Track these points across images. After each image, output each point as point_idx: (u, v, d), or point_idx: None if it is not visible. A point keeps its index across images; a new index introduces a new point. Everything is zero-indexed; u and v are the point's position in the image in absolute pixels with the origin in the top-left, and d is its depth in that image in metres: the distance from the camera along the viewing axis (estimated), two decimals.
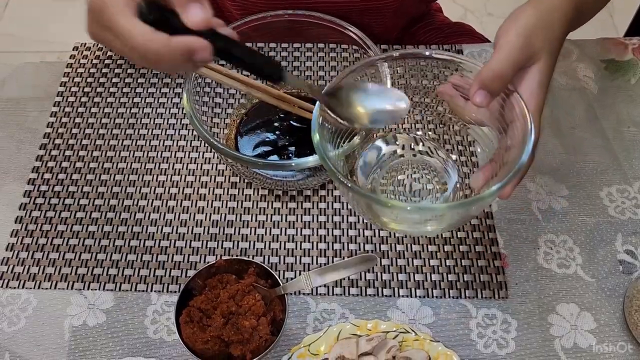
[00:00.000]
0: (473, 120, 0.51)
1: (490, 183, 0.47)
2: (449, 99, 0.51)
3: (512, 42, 0.44)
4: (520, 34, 0.44)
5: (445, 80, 0.52)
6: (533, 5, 0.47)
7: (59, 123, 0.69)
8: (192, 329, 0.49)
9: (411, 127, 0.59)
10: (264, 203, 0.62)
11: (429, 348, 0.51)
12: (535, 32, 0.45)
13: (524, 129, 0.44)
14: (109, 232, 0.60)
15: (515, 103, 0.45)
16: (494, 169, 0.48)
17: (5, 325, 0.55)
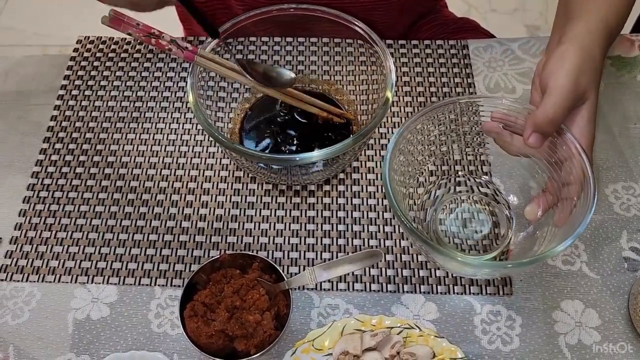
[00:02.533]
0: (520, 154, 0.53)
1: (549, 215, 0.51)
2: (495, 136, 0.54)
3: (564, 86, 0.46)
4: (570, 76, 0.46)
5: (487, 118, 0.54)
6: (574, 43, 0.48)
7: (63, 116, 0.68)
8: (196, 323, 0.49)
9: (476, 169, 0.60)
10: (268, 198, 0.62)
11: (433, 344, 0.51)
12: (582, 72, 0.47)
13: (582, 168, 0.47)
14: (113, 225, 0.60)
15: (570, 143, 0.49)
16: (549, 201, 0.51)
17: (9, 318, 0.55)
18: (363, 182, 0.63)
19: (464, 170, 0.61)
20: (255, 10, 0.62)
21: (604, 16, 0.51)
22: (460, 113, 0.55)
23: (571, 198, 0.48)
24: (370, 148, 0.65)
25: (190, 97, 0.56)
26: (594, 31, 0.50)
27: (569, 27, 0.51)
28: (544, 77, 0.48)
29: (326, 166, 0.59)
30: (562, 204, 0.49)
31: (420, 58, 0.73)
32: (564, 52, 0.48)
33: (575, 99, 0.47)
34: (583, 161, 0.48)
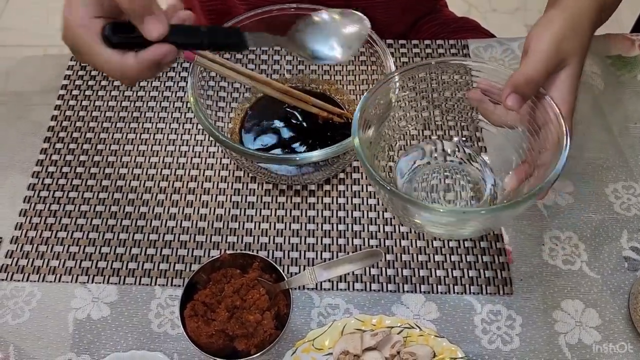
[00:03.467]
0: (503, 124, 0.52)
1: (525, 184, 0.49)
2: (478, 104, 0.53)
3: (545, 48, 0.45)
4: (552, 40, 0.45)
5: (472, 86, 0.53)
6: (562, 10, 0.48)
7: (63, 116, 0.68)
8: (196, 322, 0.49)
9: (445, 133, 0.59)
10: (268, 197, 0.62)
11: (434, 343, 0.51)
12: (566, 38, 0.46)
13: (559, 132, 0.45)
14: (113, 225, 0.60)
15: (548, 107, 0.46)
16: (527, 170, 0.49)
17: (10, 318, 0.55)
18: (363, 181, 0.63)
19: (446, 135, 0.60)
20: (256, 9, 0.62)
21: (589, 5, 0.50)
22: (442, 74, 0.54)
23: (545, 165, 0.46)
24: None
25: (191, 97, 0.56)
26: (585, 4, 0.49)
27: (556, 6, 0.50)
28: (528, 40, 0.47)
29: (326, 166, 0.59)
30: (537, 171, 0.48)
31: (420, 58, 0.73)
32: (551, 17, 0.47)
33: (555, 62, 0.46)
34: (560, 125, 0.45)
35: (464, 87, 0.54)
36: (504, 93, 0.46)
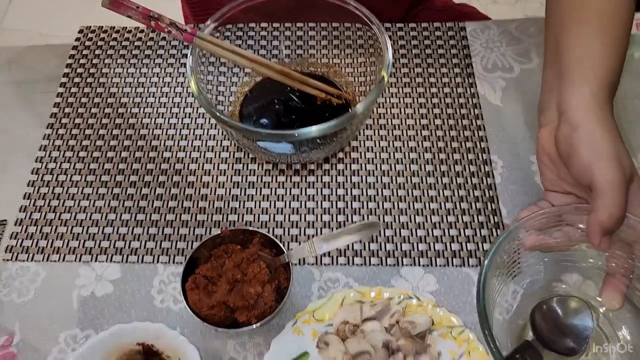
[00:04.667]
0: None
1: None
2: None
3: (614, 179, 0.43)
4: (614, 165, 0.44)
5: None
6: (594, 122, 0.46)
7: (66, 103, 0.70)
8: (197, 295, 0.50)
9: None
10: (268, 177, 0.63)
11: (432, 313, 0.52)
12: (620, 152, 0.45)
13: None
14: (116, 207, 0.61)
15: (636, 224, 0.45)
16: (624, 282, 0.47)
17: (15, 296, 0.56)
18: (362, 160, 0.64)
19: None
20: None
21: (606, 77, 0.49)
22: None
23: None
24: (369, 128, 0.66)
25: (191, 78, 0.57)
26: (602, 98, 0.48)
27: (573, 96, 0.48)
28: (579, 169, 0.45)
29: (325, 144, 0.60)
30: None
31: (418, 40, 0.74)
32: (590, 135, 0.45)
33: (628, 184, 0.44)
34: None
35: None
36: (595, 239, 0.43)
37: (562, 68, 0.51)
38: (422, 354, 0.50)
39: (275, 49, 0.72)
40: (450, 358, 0.50)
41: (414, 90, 0.69)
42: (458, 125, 0.66)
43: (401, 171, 0.63)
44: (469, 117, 0.67)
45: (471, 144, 0.64)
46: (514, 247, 0.47)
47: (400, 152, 0.64)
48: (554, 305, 0.49)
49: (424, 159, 0.64)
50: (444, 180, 0.62)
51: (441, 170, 0.63)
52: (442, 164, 0.63)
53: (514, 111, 0.67)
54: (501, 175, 0.62)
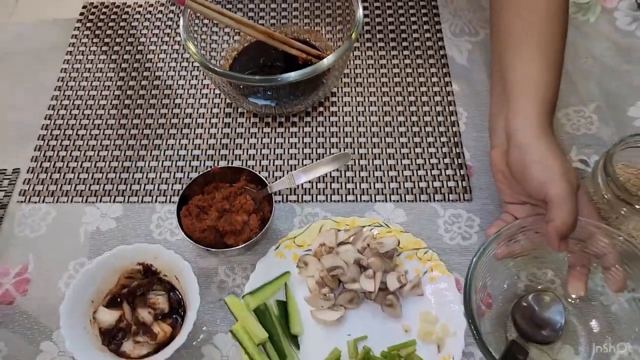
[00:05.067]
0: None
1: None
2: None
3: (565, 191, 0.48)
4: (563, 180, 0.49)
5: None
6: (543, 143, 0.51)
7: (72, 68, 0.76)
8: (190, 220, 0.57)
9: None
10: (255, 129, 0.69)
11: (400, 237, 0.58)
12: (567, 167, 0.50)
13: (609, 236, 0.51)
14: (117, 155, 0.68)
15: (586, 225, 0.51)
16: (585, 272, 0.53)
17: (28, 232, 0.63)
18: (340, 113, 0.70)
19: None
20: None
21: (546, 97, 0.54)
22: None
23: (613, 264, 0.51)
24: (347, 86, 0.73)
25: (187, 38, 0.63)
26: (544, 117, 0.52)
27: (518, 120, 0.53)
28: (534, 187, 0.50)
29: (304, 95, 0.67)
30: (609, 274, 0.52)
31: (392, 10, 0.80)
32: (539, 157, 0.50)
33: (576, 194, 0.49)
34: (607, 232, 0.51)
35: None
36: (555, 244, 0.49)
37: (507, 86, 0.56)
38: (390, 272, 0.56)
39: (262, 19, 0.79)
40: (415, 275, 0.57)
41: (387, 53, 0.76)
42: (428, 82, 0.73)
43: (375, 122, 0.69)
44: (438, 75, 0.73)
45: (439, 98, 0.71)
46: (486, 260, 0.52)
47: (375, 106, 0.71)
48: (530, 301, 0.54)
49: (396, 111, 0.70)
50: (414, 129, 0.69)
51: (412, 121, 0.69)
52: (413, 115, 0.70)
53: (478, 70, 0.74)
54: (465, 124, 0.69)
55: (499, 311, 0.55)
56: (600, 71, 0.72)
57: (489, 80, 0.72)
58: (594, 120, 0.68)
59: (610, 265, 0.51)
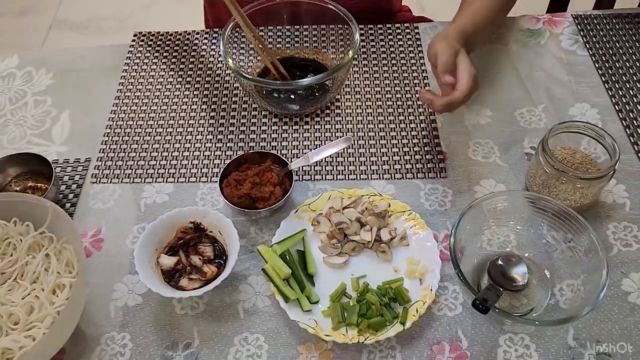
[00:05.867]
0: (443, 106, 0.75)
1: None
2: (429, 102, 0.75)
3: (444, 49, 0.74)
4: (440, 41, 0.76)
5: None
6: (446, 38, 0.77)
7: (128, 82, 0.95)
8: (230, 189, 0.74)
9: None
10: (276, 127, 0.88)
11: (390, 202, 0.76)
12: (451, 45, 0.76)
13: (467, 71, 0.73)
14: (168, 147, 0.86)
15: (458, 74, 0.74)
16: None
17: (100, 204, 0.80)
18: (343, 114, 0.89)
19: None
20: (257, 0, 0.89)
21: (465, 23, 0.81)
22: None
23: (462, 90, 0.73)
24: (347, 94, 0.92)
25: (225, 55, 0.82)
26: (458, 37, 0.78)
27: (445, 32, 0.79)
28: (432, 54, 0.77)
29: (315, 99, 0.85)
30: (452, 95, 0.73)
31: (383, 36, 1.00)
32: (439, 41, 0.76)
33: (453, 52, 0.74)
34: (463, 64, 0.73)
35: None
36: (442, 78, 0.74)
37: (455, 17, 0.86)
38: (383, 228, 0.74)
39: (279, 43, 0.99)
40: (403, 230, 0.74)
41: (380, 68, 0.95)
42: (412, 90, 0.92)
43: (371, 120, 0.88)
44: (420, 85, 0.92)
45: (421, 102, 0.90)
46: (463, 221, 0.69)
47: (370, 109, 0.89)
48: (501, 262, 0.71)
49: (387, 112, 0.89)
50: (401, 125, 0.87)
51: (399, 119, 0.88)
52: (400, 115, 0.88)
53: None
54: (441, 122, 0.87)
55: (470, 262, 0.72)
56: (548, 80, 0.91)
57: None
58: (542, 117, 0.87)
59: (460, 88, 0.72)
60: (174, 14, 2.19)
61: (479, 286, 0.71)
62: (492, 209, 0.71)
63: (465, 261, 0.70)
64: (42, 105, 0.93)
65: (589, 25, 0.99)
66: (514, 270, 0.70)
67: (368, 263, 0.73)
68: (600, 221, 0.75)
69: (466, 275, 0.65)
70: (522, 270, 0.70)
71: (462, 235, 0.69)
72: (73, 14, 2.31)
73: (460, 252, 0.68)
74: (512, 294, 0.69)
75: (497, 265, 0.70)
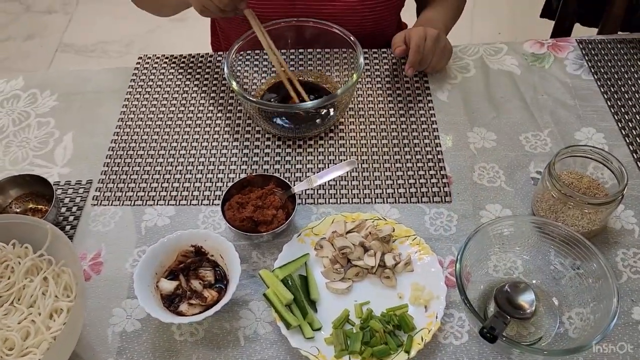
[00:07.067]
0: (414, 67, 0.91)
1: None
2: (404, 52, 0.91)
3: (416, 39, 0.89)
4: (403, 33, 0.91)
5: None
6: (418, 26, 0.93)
7: (132, 105, 0.95)
8: (232, 212, 0.73)
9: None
10: (279, 149, 0.87)
11: (394, 226, 0.74)
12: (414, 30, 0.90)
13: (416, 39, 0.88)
14: (170, 170, 0.85)
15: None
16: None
17: (100, 227, 0.79)
18: (347, 137, 0.88)
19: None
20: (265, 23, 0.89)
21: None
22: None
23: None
24: (352, 117, 0.91)
25: (230, 76, 0.82)
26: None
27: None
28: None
29: (319, 122, 0.85)
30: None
31: (387, 59, 1.00)
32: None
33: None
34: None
35: None
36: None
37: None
38: (387, 253, 0.72)
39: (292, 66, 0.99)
40: (407, 255, 0.72)
41: (384, 92, 0.95)
42: (416, 114, 0.91)
43: (375, 144, 0.87)
44: (424, 108, 0.92)
45: (425, 126, 0.89)
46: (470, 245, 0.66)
47: (374, 132, 0.89)
48: (508, 289, 0.69)
49: (391, 135, 0.88)
50: (405, 149, 0.86)
51: (403, 143, 0.87)
52: (405, 139, 0.88)
53: (457, 105, 0.92)
54: (446, 145, 0.87)
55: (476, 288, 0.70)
56: (553, 104, 0.91)
57: (465, 111, 0.91)
58: (548, 142, 0.86)
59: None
60: (178, 38, 2.22)
61: (485, 314, 0.69)
62: (498, 234, 0.70)
63: (471, 288, 0.69)
64: (45, 127, 0.93)
65: (594, 50, 0.99)
66: (522, 298, 0.68)
67: (372, 289, 0.71)
68: (609, 247, 0.74)
69: (472, 302, 0.63)
70: (529, 298, 0.68)
71: (468, 261, 0.67)
72: (79, 38, 2.34)
73: (466, 278, 0.67)
74: (520, 322, 0.67)
75: (504, 292, 0.69)
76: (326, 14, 0.96)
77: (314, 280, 0.72)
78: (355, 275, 0.71)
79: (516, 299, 0.68)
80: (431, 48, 0.89)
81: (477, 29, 2.19)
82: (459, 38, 1.08)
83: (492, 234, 0.69)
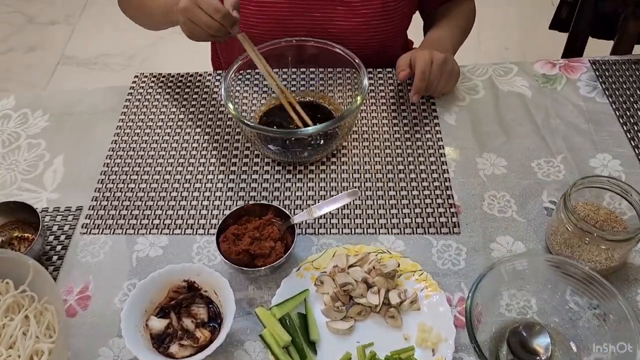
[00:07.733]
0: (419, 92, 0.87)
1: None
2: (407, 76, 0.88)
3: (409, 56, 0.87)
4: (408, 55, 0.88)
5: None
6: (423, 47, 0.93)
7: (126, 125, 0.92)
8: (228, 245, 0.69)
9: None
10: (279, 175, 0.83)
11: (399, 260, 0.70)
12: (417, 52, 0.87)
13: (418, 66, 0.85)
14: (164, 196, 0.81)
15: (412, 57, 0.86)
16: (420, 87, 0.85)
17: (89, 258, 0.75)
18: (349, 162, 0.84)
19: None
20: (267, 41, 0.86)
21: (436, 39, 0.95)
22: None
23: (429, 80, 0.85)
24: (355, 140, 0.87)
25: (227, 99, 0.79)
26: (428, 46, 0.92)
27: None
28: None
29: (320, 147, 0.81)
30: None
31: (392, 80, 0.96)
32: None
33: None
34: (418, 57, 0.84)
35: None
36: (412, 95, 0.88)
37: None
38: (392, 290, 0.68)
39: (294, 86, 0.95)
40: (413, 292, 0.68)
41: (389, 114, 0.91)
42: (423, 137, 0.87)
43: (379, 170, 0.83)
44: (431, 132, 0.88)
45: (432, 150, 0.85)
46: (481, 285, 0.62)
47: (378, 157, 0.85)
48: (522, 331, 0.64)
49: (396, 161, 0.84)
50: (411, 175, 0.82)
51: (409, 169, 0.83)
52: (410, 164, 0.83)
53: (464, 129, 0.88)
54: (454, 172, 0.82)
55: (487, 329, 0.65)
56: (566, 129, 0.87)
57: (473, 136, 0.87)
58: (561, 169, 0.82)
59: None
60: (180, 51, 2.18)
61: (497, 358, 0.64)
62: (511, 270, 0.65)
63: (482, 329, 0.64)
64: (35, 149, 0.89)
65: (608, 71, 0.95)
66: (536, 341, 0.64)
67: (375, 329, 0.67)
68: (629, 285, 0.69)
69: (483, 346, 0.59)
70: (544, 341, 0.64)
71: (479, 300, 0.63)
72: (81, 51, 2.31)
73: (477, 319, 0.62)
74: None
75: (517, 334, 0.64)
76: (331, 35, 0.92)
77: (314, 319, 0.67)
78: (357, 314, 0.67)
79: (530, 342, 0.64)
80: (437, 74, 0.85)
81: (485, 45, 2.15)
82: (465, 52, 1.04)
83: (504, 271, 0.65)
